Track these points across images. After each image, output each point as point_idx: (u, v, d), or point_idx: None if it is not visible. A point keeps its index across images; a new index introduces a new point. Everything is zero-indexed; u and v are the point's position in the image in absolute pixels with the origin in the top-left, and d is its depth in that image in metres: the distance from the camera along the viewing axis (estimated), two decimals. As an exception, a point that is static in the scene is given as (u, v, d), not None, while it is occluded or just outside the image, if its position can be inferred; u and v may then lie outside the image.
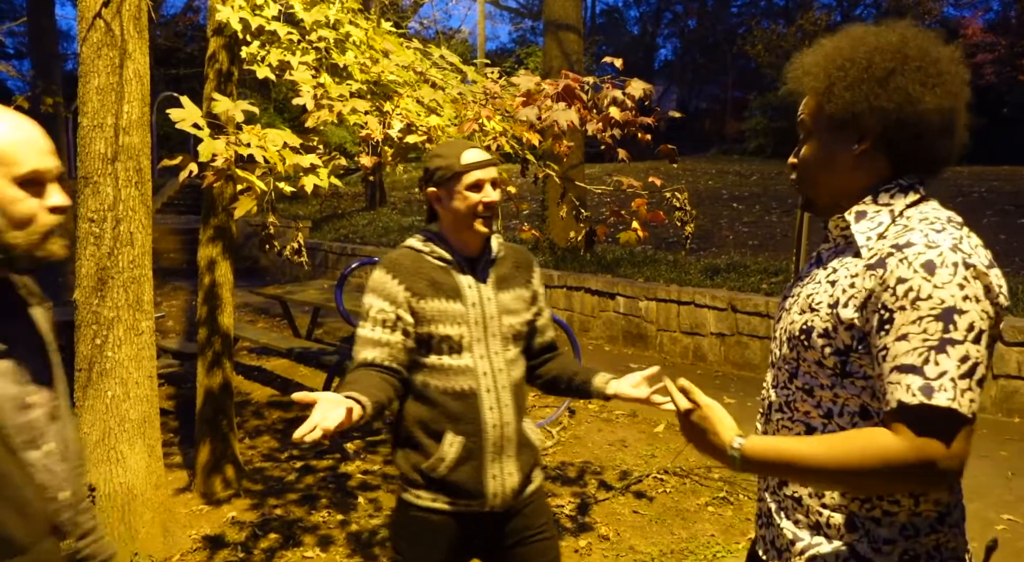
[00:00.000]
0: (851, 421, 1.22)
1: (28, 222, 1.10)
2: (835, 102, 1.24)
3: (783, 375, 1.32)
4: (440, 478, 1.81)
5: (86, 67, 2.91)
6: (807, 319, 1.25)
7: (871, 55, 1.23)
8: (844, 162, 1.27)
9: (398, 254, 1.87)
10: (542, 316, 2.01)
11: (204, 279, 3.78)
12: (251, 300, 8.67)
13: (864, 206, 1.26)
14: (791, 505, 1.31)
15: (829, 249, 1.34)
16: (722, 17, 24.70)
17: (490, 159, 1.84)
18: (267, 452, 4.43)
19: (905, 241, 1.15)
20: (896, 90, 1.20)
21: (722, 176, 13.85)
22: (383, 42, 3.07)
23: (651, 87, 2.81)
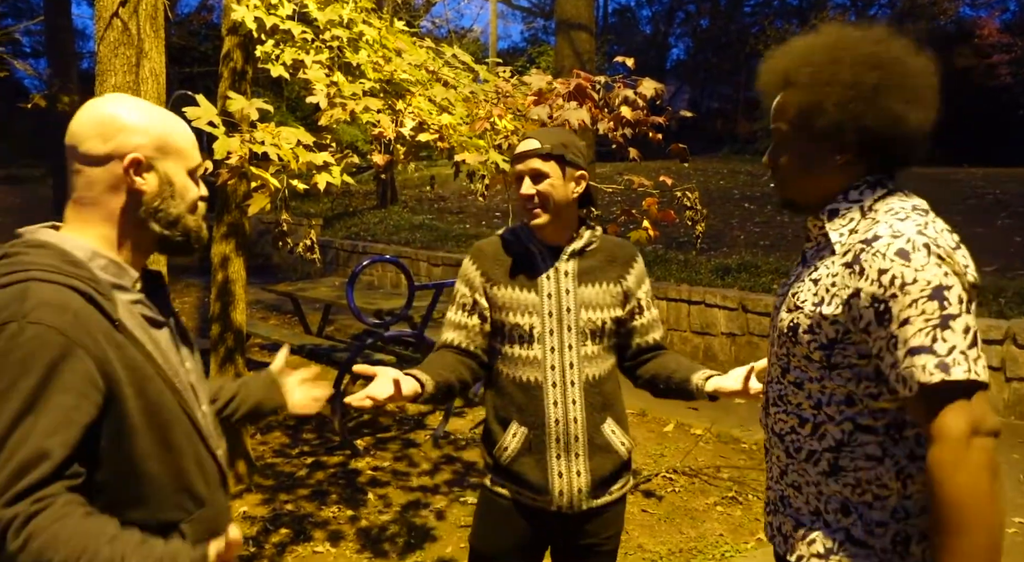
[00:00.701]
0: (838, 410, 1.29)
1: (195, 206, 1.26)
2: (824, 118, 1.28)
3: (776, 371, 1.40)
4: (504, 467, 1.84)
5: (103, 66, 2.94)
6: (793, 317, 1.32)
7: (856, 70, 1.26)
8: (824, 170, 1.33)
9: (486, 241, 1.92)
10: (641, 316, 1.90)
11: (217, 276, 3.81)
12: (263, 297, 8.72)
13: (836, 204, 1.33)
14: (792, 494, 1.37)
15: (811, 248, 1.40)
16: (735, 17, 24.59)
17: (528, 150, 1.78)
18: (278, 448, 4.47)
19: (872, 234, 1.21)
20: (882, 109, 1.25)
21: (734, 176, 13.79)
22: (396, 41, 3.09)
23: (663, 86, 2.82)
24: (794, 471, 1.36)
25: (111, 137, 1.16)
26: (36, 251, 1.11)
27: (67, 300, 1.05)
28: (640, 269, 1.92)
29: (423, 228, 10.91)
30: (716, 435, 4.71)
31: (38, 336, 1.00)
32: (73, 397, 1.03)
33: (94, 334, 1.06)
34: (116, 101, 1.21)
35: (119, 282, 1.18)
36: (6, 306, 1.02)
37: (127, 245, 1.21)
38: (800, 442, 1.34)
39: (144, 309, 1.21)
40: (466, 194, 13.82)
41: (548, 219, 1.78)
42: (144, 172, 1.18)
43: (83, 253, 1.15)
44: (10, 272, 1.06)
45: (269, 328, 6.57)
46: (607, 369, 1.86)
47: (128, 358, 1.10)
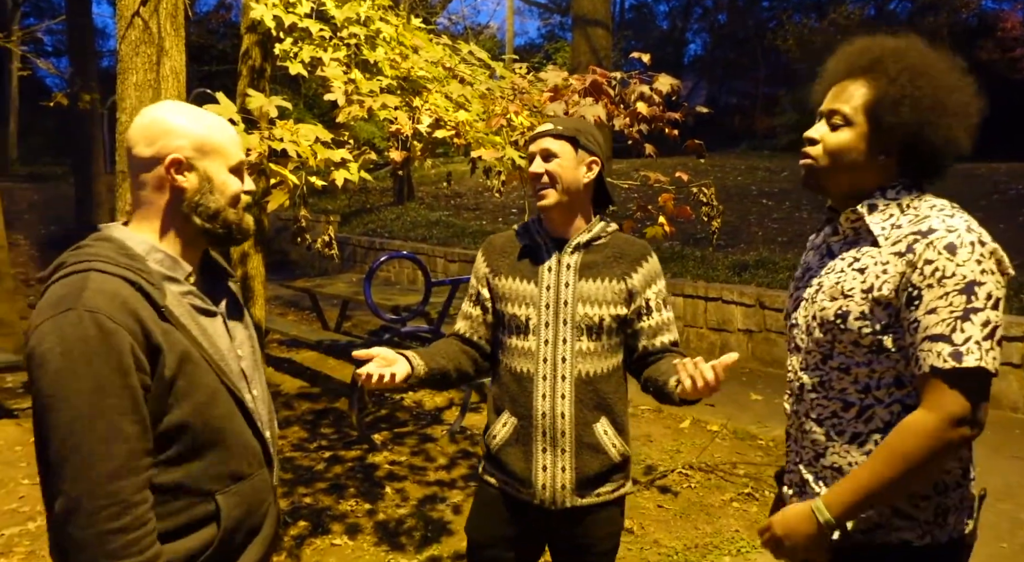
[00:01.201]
0: (888, 393, 1.37)
1: (236, 201, 1.36)
2: (897, 116, 1.35)
3: (814, 358, 1.45)
4: (493, 455, 1.86)
5: (124, 64, 2.99)
6: (840, 305, 1.38)
7: (938, 85, 1.35)
8: (868, 165, 1.41)
9: (498, 235, 1.96)
10: (649, 317, 1.83)
11: (236, 272, 3.86)
12: (281, 293, 8.80)
13: (875, 200, 1.41)
14: (830, 475, 1.43)
15: (839, 241, 1.48)
16: (753, 11, 24.38)
17: (542, 130, 1.79)
18: (296, 442, 4.52)
19: (927, 227, 1.31)
20: (947, 129, 1.35)
21: (751, 172, 13.70)
22: (413, 38, 3.11)
23: (678, 82, 2.81)
24: (834, 453, 1.42)
25: (155, 141, 1.29)
26: (100, 244, 1.25)
27: (118, 289, 1.18)
28: (651, 269, 1.85)
29: (440, 225, 10.95)
30: (732, 431, 4.69)
31: (95, 322, 1.13)
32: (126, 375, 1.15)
33: (142, 318, 1.18)
34: (161, 107, 1.33)
35: (172, 274, 1.30)
36: (69, 294, 1.16)
37: (177, 239, 1.33)
38: (843, 425, 1.41)
39: (194, 299, 1.32)
40: (482, 191, 13.84)
41: (555, 199, 1.77)
42: (185, 171, 1.30)
43: (142, 247, 1.28)
44: (79, 260, 1.21)
45: (287, 324, 6.63)
46: (606, 368, 1.80)
47: (173, 341, 1.22)
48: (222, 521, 1.30)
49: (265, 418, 1.44)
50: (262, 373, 1.49)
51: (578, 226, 1.83)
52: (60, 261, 1.24)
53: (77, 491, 1.12)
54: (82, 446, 1.12)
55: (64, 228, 12.59)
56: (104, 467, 1.13)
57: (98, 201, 11.95)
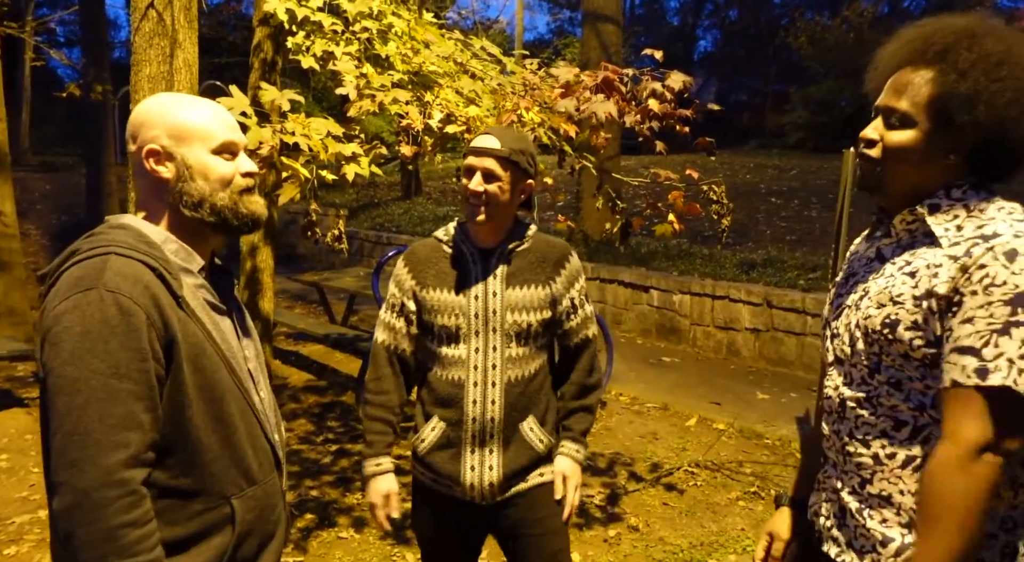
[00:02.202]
0: None
1: (226, 184, 1.29)
2: (970, 114, 1.18)
3: (859, 371, 1.29)
4: (421, 456, 1.91)
5: (138, 56, 3.00)
6: (889, 312, 1.22)
7: (1019, 80, 1.17)
8: (934, 164, 1.24)
9: (419, 244, 1.96)
10: (575, 317, 1.92)
11: (245, 264, 3.88)
12: (289, 286, 8.82)
13: (937, 200, 1.25)
14: (878, 503, 1.27)
15: (891, 244, 1.32)
16: (764, 8, 24.27)
17: (491, 149, 1.77)
18: (303, 435, 4.54)
19: (992, 231, 1.16)
20: None
21: (760, 170, 13.65)
22: (424, 33, 3.11)
23: (691, 80, 2.81)
24: (883, 479, 1.26)
25: (135, 135, 1.28)
26: (116, 231, 1.23)
27: (140, 273, 1.15)
28: (572, 269, 1.91)
29: (447, 219, 10.88)
30: (739, 430, 4.69)
31: (116, 302, 1.11)
32: (144, 360, 1.13)
33: (161, 305, 1.15)
34: (144, 102, 1.31)
35: (187, 266, 1.27)
36: (89, 275, 1.13)
37: (178, 230, 1.29)
38: (894, 447, 1.24)
39: (207, 294, 1.29)
40: (490, 186, 13.80)
41: (487, 219, 1.80)
42: (166, 160, 1.26)
43: (157, 236, 1.26)
44: (95, 246, 1.18)
45: (295, 317, 6.65)
46: (534, 369, 1.87)
47: (188, 332, 1.19)
48: (236, 525, 1.25)
49: (272, 422, 1.41)
50: (266, 376, 1.47)
51: (502, 235, 1.87)
52: (72, 249, 1.20)
53: (86, 481, 1.06)
54: (93, 432, 1.07)
55: (75, 218, 12.65)
56: (117, 456, 1.08)
57: (109, 191, 12.00)
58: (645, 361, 6.29)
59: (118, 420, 1.09)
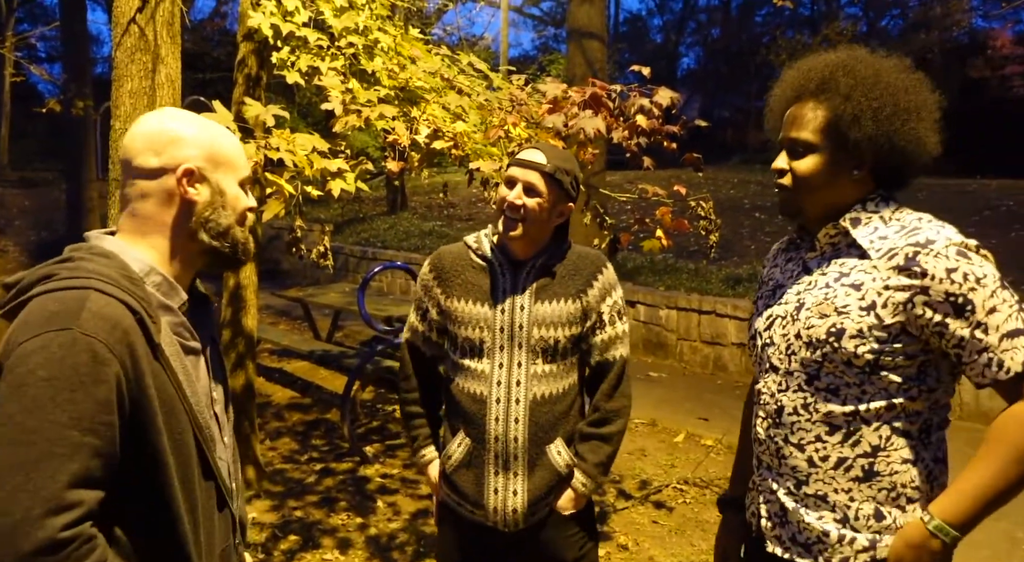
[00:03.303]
0: (876, 414, 1.32)
1: (244, 218, 1.27)
2: (860, 130, 1.32)
3: (796, 378, 1.39)
4: (448, 474, 1.84)
5: (120, 71, 2.96)
6: (834, 322, 1.32)
7: (893, 91, 1.33)
8: (842, 182, 1.38)
9: (447, 248, 1.91)
10: (603, 331, 1.82)
11: (229, 281, 3.82)
12: (273, 302, 8.73)
13: (857, 214, 1.38)
14: (815, 503, 1.38)
15: (815, 257, 1.44)
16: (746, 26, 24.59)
17: (537, 163, 1.74)
18: (287, 454, 4.46)
19: (924, 239, 1.29)
20: (912, 131, 1.33)
21: (744, 185, 13.76)
22: (411, 48, 3.10)
23: (678, 96, 2.81)
24: (818, 480, 1.37)
25: (163, 150, 1.18)
26: (98, 260, 1.12)
27: (120, 316, 1.05)
28: (606, 281, 1.83)
29: (433, 235, 10.92)
30: (727, 446, 4.67)
31: (90, 348, 1.01)
32: (110, 413, 1.03)
33: (137, 355, 1.06)
34: (167, 115, 1.23)
35: (168, 303, 1.18)
36: (65, 312, 1.03)
37: (177, 258, 1.21)
38: (827, 451, 1.36)
39: (183, 334, 1.20)
40: (476, 201, 13.83)
41: (522, 234, 1.75)
42: (197, 183, 1.20)
43: (140, 267, 1.16)
44: (74, 276, 1.07)
45: (279, 333, 6.57)
46: (563, 387, 1.79)
47: (161, 387, 1.10)
48: None
49: (233, 467, 1.32)
50: (232, 415, 1.37)
51: (537, 249, 1.81)
52: (47, 273, 1.09)
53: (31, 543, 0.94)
54: (42, 490, 0.95)
55: (55, 234, 12.50)
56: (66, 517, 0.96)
57: (89, 207, 11.86)
58: (632, 376, 6.25)
59: (72, 477, 0.98)
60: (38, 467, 0.96)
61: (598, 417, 1.83)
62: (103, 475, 1.02)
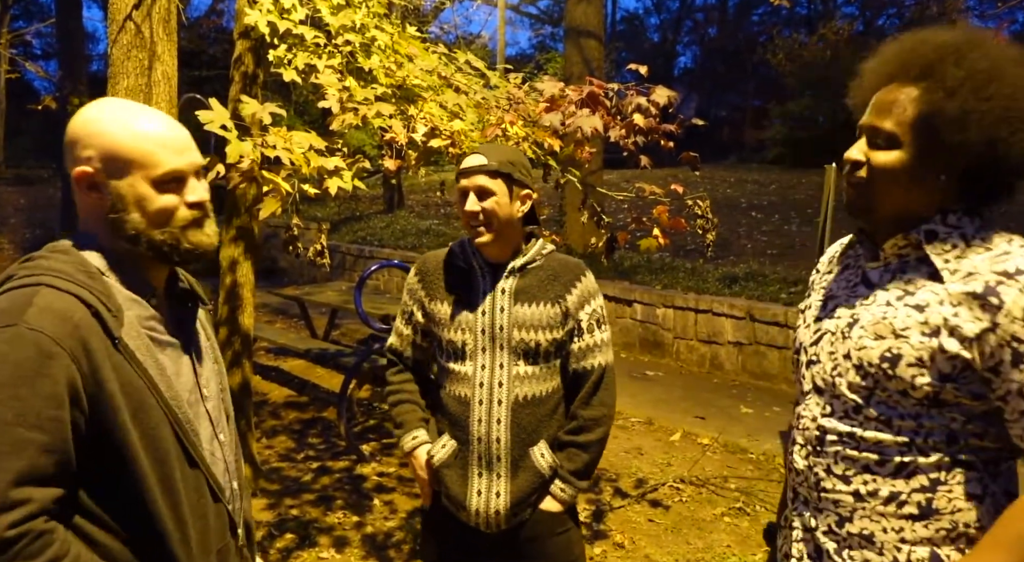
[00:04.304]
0: (935, 447, 1.16)
1: (166, 219, 1.15)
2: (961, 134, 1.12)
3: (844, 403, 1.22)
4: (435, 471, 1.86)
5: (115, 68, 2.95)
6: (890, 346, 1.16)
7: (1009, 93, 1.11)
8: (926, 186, 1.18)
9: (432, 254, 1.93)
10: (581, 339, 1.82)
11: (225, 279, 3.81)
12: (269, 300, 8.72)
13: (934, 226, 1.19)
14: (858, 543, 1.21)
15: (878, 268, 1.25)
16: (743, 25, 24.62)
17: (475, 166, 1.74)
18: (284, 452, 4.46)
19: (1014, 268, 1.10)
20: (1020, 141, 1.12)
21: (741, 185, 13.78)
22: (408, 47, 3.09)
23: (676, 94, 2.81)
24: (864, 517, 1.20)
25: (69, 152, 1.13)
26: (57, 256, 1.10)
27: (70, 308, 1.03)
28: (585, 288, 1.83)
29: (430, 233, 10.91)
30: (723, 445, 4.68)
31: (35, 342, 0.99)
32: (59, 408, 1.00)
33: (91, 347, 1.03)
34: (85, 110, 1.15)
35: (135, 296, 1.14)
36: (12, 308, 1.01)
37: (126, 255, 1.16)
38: (877, 484, 1.19)
39: (155, 328, 1.16)
40: (473, 200, 13.80)
41: (492, 238, 1.75)
42: (99, 187, 1.13)
43: (102, 263, 1.13)
44: (28, 274, 1.06)
45: (275, 332, 6.57)
46: (546, 390, 1.80)
47: (126, 380, 1.07)
48: None
49: (233, 466, 1.29)
50: (231, 413, 1.34)
51: (512, 250, 1.82)
52: (9, 273, 1.08)
53: None
54: None
55: (49, 232, 12.45)
56: (11, 515, 0.95)
57: (85, 205, 11.84)
58: (629, 375, 6.27)
59: (17, 475, 0.95)
60: None
61: (575, 425, 1.83)
62: (55, 471, 1.00)
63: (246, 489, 1.37)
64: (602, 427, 1.84)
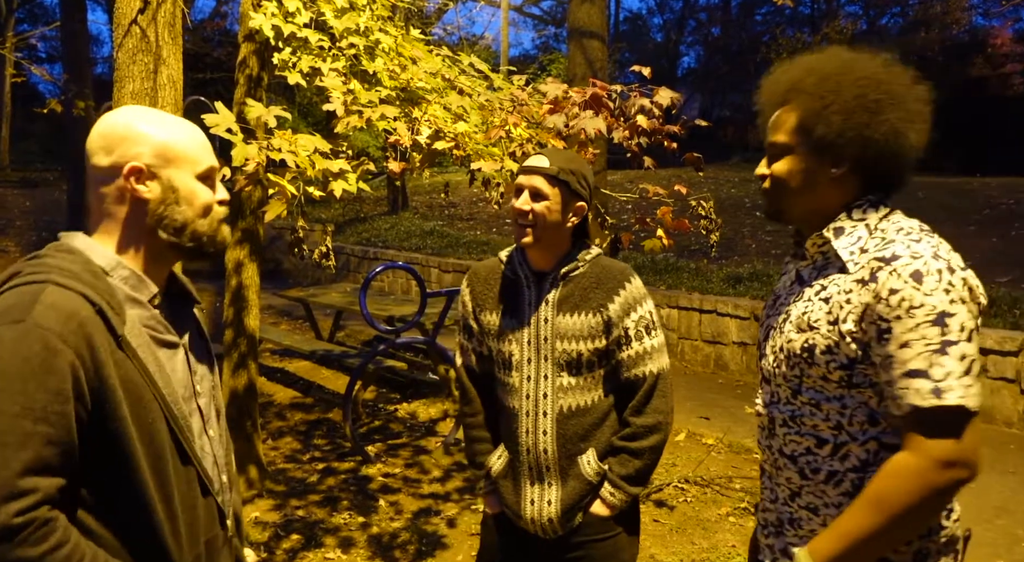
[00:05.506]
0: (862, 429, 1.28)
1: (208, 211, 1.25)
2: (826, 125, 1.29)
3: (784, 391, 1.37)
4: (493, 480, 1.89)
5: (121, 72, 2.97)
6: (807, 337, 1.30)
7: (862, 84, 1.29)
8: (821, 183, 1.34)
9: (482, 263, 1.95)
10: (629, 347, 1.77)
11: (231, 281, 3.83)
12: (274, 302, 8.75)
13: (841, 222, 1.33)
14: (806, 516, 1.36)
15: (808, 266, 1.40)
16: (746, 25, 24.56)
17: (537, 167, 1.75)
18: (289, 453, 4.47)
19: (891, 254, 1.22)
20: (884, 123, 1.27)
21: (744, 184, 13.76)
22: (412, 49, 3.10)
23: (679, 96, 2.81)
24: (809, 492, 1.34)
25: (113, 148, 1.19)
26: (62, 256, 1.14)
27: (76, 307, 1.06)
28: (630, 295, 1.78)
29: (434, 235, 10.93)
30: (728, 445, 4.68)
31: (42, 339, 1.02)
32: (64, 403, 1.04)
33: (95, 345, 1.07)
34: (120, 113, 1.22)
35: (136, 296, 1.19)
36: (20, 305, 1.05)
37: (142, 255, 1.22)
38: (818, 463, 1.32)
39: (156, 327, 1.21)
40: (476, 200, 13.84)
41: (535, 240, 1.75)
42: (147, 180, 1.19)
43: (106, 263, 1.17)
44: (34, 272, 1.10)
45: (280, 333, 6.59)
46: (591, 400, 1.78)
47: (127, 377, 1.11)
48: None
49: (222, 460, 1.33)
50: (222, 409, 1.38)
51: (557, 258, 1.81)
52: (15, 270, 1.11)
53: None
54: None
55: (55, 235, 12.48)
56: (19, 503, 0.99)
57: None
58: (633, 376, 6.27)
59: (24, 465, 0.99)
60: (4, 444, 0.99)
61: (629, 432, 1.79)
62: (60, 462, 1.04)
63: (235, 482, 1.40)
64: (656, 434, 1.79)
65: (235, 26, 17.43)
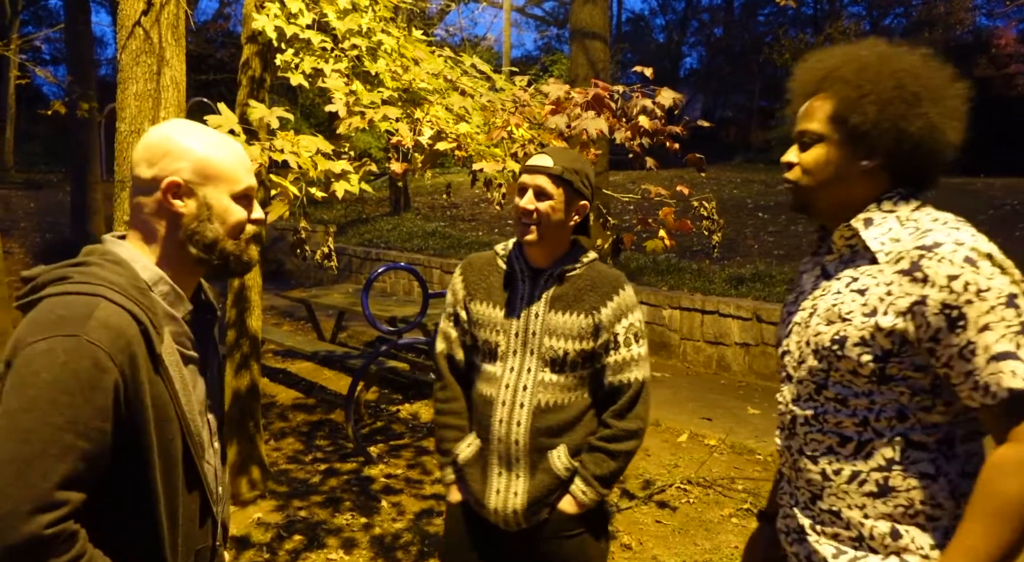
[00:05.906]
0: (889, 426, 1.24)
1: (239, 231, 1.27)
2: (862, 115, 1.26)
3: (807, 388, 1.33)
4: (459, 468, 1.89)
5: (125, 74, 2.97)
6: (837, 329, 1.26)
7: (901, 76, 1.26)
8: (851, 175, 1.30)
9: (478, 255, 1.96)
10: (616, 352, 1.81)
11: (233, 282, 3.83)
12: (276, 303, 8.76)
13: (870, 213, 1.30)
14: (829, 519, 1.30)
15: (834, 260, 1.36)
16: (749, 25, 24.56)
17: (541, 166, 1.77)
18: (292, 454, 4.48)
19: (932, 242, 1.18)
20: (921, 116, 1.24)
21: (747, 185, 13.75)
22: (414, 50, 3.11)
23: (681, 96, 2.82)
24: (832, 495, 1.29)
25: (155, 162, 1.21)
26: (111, 267, 1.16)
27: (125, 326, 1.09)
28: (623, 302, 1.81)
29: (436, 235, 10.94)
30: (730, 446, 4.68)
31: (92, 356, 1.04)
32: (105, 421, 1.06)
33: (137, 365, 1.09)
34: (166, 126, 1.25)
35: (173, 312, 1.21)
36: (74, 318, 1.06)
37: (175, 266, 1.24)
38: (840, 463, 1.28)
39: (184, 343, 1.23)
40: (478, 201, 13.85)
41: (538, 238, 1.77)
42: (184, 196, 1.21)
43: (150, 276, 1.20)
44: (86, 282, 1.11)
45: (283, 334, 6.59)
46: (569, 399, 1.80)
47: (157, 395, 1.13)
48: None
49: (220, 471, 1.36)
50: (223, 418, 1.41)
51: (556, 257, 1.84)
52: (62, 274, 1.13)
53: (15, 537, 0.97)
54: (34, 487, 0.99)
55: (60, 236, 12.54)
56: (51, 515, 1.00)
57: (94, 209, 11.91)
58: (635, 377, 6.27)
59: (62, 478, 1.01)
60: (31, 465, 1.00)
61: (609, 433, 1.82)
62: (89, 477, 1.05)
63: (228, 491, 1.42)
64: (635, 440, 1.83)
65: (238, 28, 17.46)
